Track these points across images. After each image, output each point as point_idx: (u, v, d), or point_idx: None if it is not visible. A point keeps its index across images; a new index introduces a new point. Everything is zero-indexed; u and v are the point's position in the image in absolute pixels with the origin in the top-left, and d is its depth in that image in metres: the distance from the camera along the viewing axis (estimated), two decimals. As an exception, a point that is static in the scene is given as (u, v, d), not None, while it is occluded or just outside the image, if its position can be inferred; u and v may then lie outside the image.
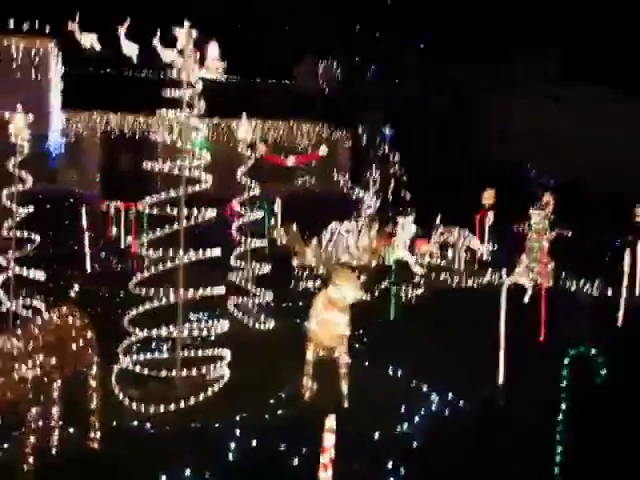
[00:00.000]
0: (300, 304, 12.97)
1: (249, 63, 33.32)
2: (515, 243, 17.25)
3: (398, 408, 8.49)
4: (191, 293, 8.90)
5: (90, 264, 16.31)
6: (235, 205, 13.00)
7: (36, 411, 6.01)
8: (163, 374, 8.73)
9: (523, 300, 13.92)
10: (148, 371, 8.77)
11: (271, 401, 8.67)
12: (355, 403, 8.53)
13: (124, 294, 11.21)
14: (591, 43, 32.12)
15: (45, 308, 9.25)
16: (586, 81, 31.78)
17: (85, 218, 16.34)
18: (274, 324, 12.25)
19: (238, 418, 8.04)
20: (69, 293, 8.39)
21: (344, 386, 8.64)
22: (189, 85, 9.08)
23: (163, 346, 9.86)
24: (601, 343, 7.28)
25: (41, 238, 15.65)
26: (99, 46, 26.70)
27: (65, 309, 6.89)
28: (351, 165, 31.16)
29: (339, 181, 29.06)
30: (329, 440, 4.68)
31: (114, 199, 22.45)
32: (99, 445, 7.15)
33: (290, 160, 31.45)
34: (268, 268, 12.53)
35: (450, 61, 32.05)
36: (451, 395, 8.98)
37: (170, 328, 8.89)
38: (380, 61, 34.22)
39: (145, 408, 8.13)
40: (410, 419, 8.22)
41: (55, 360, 6.29)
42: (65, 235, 17.14)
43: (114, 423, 7.80)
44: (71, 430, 7.43)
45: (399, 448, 7.45)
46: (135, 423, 7.90)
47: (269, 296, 12.66)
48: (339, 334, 8.60)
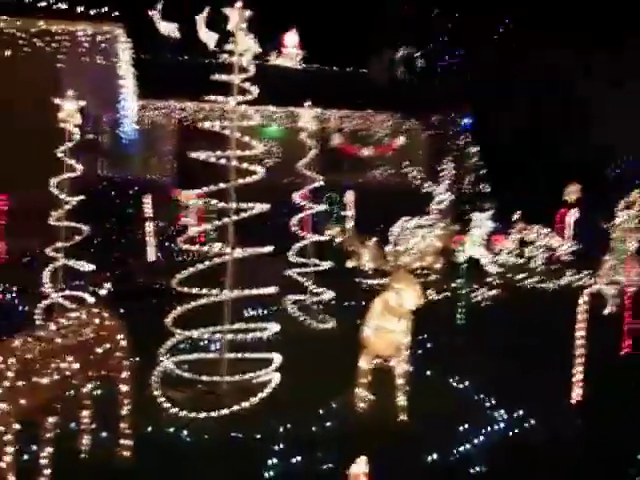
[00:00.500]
0: (364, 304, 12.21)
1: (327, 51, 32.73)
2: (600, 243, 15.98)
3: (459, 425, 7.67)
4: (239, 292, 8.31)
5: (154, 254, 16.00)
6: (303, 196, 12.26)
7: (59, 416, 5.52)
8: (207, 378, 8.14)
9: (603, 312, 12.77)
10: (192, 374, 8.21)
11: (320, 411, 7.99)
12: (413, 418, 7.78)
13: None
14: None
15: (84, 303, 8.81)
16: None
17: (151, 206, 15.99)
18: (334, 324, 11.57)
19: (282, 430, 7.41)
20: (99, 292, 7.95)
21: (401, 398, 7.90)
22: (242, 70, 8.49)
23: (210, 347, 9.31)
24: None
25: (106, 226, 15.61)
26: (179, 35, 26.46)
27: (95, 310, 6.42)
28: (426, 157, 30.08)
29: (412, 174, 28.11)
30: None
31: (187, 188, 22.14)
32: (129, 452, 6.66)
33: (365, 151, 30.80)
34: (329, 264, 11.84)
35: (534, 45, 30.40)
36: (520, 412, 8.09)
37: (217, 328, 8.33)
38: (461, 48, 32.97)
39: (185, 414, 7.61)
40: (472, 439, 7.39)
41: (80, 363, 5.80)
42: (130, 224, 16.88)
43: (149, 429, 7.31)
44: (103, 434, 6.97)
45: (459, 473, 6.68)
46: (172, 430, 7.38)
47: (330, 294, 11.98)
48: (396, 342, 7.87)
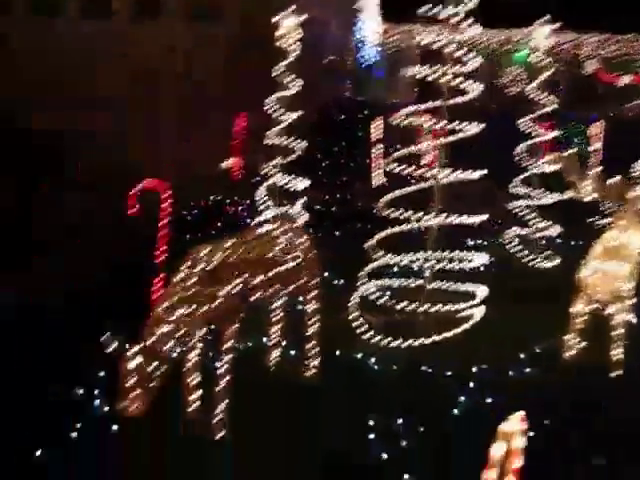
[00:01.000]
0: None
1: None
2: None
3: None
4: (447, 219, 7.78)
5: (380, 179, 15.76)
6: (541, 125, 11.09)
7: (247, 327, 5.59)
8: (406, 305, 7.80)
9: None
10: (390, 300, 7.92)
11: (522, 355, 7.36)
12: (629, 374, 6.88)
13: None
14: None
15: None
16: None
17: (381, 130, 15.64)
18: (557, 263, 10.58)
19: (475, 369, 6.93)
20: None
21: (617, 351, 7.00)
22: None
23: (413, 274, 8.86)
24: None
25: (333, 149, 15.70)
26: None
27: (288, 224, 6.34)
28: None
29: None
30: (498, 450, 3.38)
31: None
32: (315, 372, 6.62)
33: (624, 79, 27.75)
34: (557, 197, 10.74)
35: None
36: None
37: (421, 255, 7.92)
38: None
39: (377, 340, 7.41)
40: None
41: (270, 276, 5.77)
42: (360, 147, 16.75)
43: (337, 352, 7.21)
44: (292, 352, 7.00)
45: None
46: (361, 355, 7.23)
47: (556, 230, 10.91)
48: (617, 288, 6.93)
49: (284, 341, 6.98)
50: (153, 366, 4.89)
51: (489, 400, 6.39)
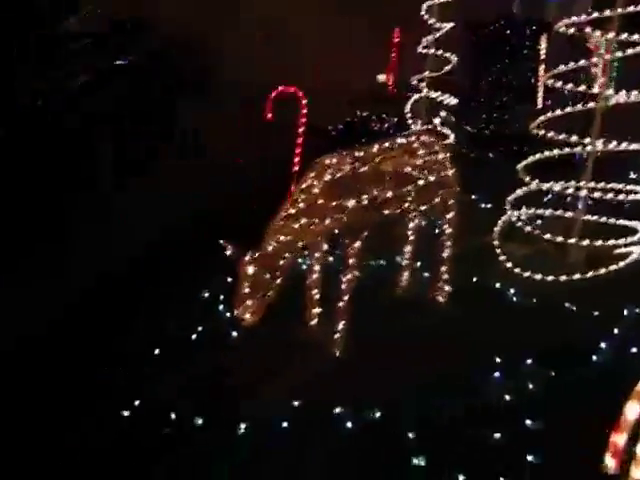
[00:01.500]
0: None
1: None
2: None
3: None
4: (607, 144, 6.91)
5: (542, 101, 14.60)
6: None
7: (361, 246, 5.26)
8: (555, 237, 7.09)
9: None
10: (539, 231, 7.24)
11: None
12: None
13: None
14: None
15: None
16: None
17: (545, 48, 14.39)
18: None
19: (626, 313, 6.24)
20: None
21: None
22: None
23: (567, 205, 8.02)
24: None
25: (496, 66, 14.65)
26: None
27: (427, 139, 5.84)
28: None
29: None
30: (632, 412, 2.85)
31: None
32: (445, 298, 6.24)
33: None
34: None
35: None
36: None
37: (576, 184, 7.14)
38: None
39: (519, 271, 6.86)
40: None
41: (390, 191, 5.36)
42: (523, 67, 15.52)
43: (474, 279, 6.75)
44: (425, 274, 6.63)
45: None
46: (499, 285, 6.72)
47: None
48: None
49: (418, 262, 6.64)
50: (269, 275, 4.69)
51: (634, 350, 5.72)
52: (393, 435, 4.66)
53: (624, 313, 6.21)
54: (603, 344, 5.72)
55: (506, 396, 5.05)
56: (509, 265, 6.97)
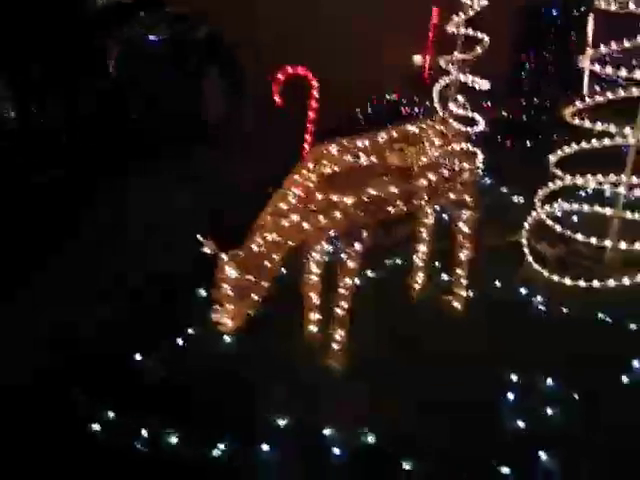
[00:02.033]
0: None
1: None
2: None
3: None
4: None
5: (589, 87, 13.71)
6: None
7: (362, 249, 4.69)
8: (586, 238, 6.34)
9: None
10: (570, 230, 6.50)
11: None
12: None
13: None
14: None
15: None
16: None
17: (592, 30, 13.48)
18: None
19: (634, 326, 5.56)
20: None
21: None
22: None
23: (602, 201, 7.23)
24: None
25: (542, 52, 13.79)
26: None
27: (443, 127, 5.22)
28: None
29: None
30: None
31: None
32: (460, 304, 5.64)
33: None
34: None
35: None
36: None
37: (613, 178, 6.40)
38: None
39: (547, 274, 6.19)
40: None
41: (396, 187, 4.77)
42: (569, 51, 14.62)
43: (496, 282, 6.12)
44: (444, 277, 6.03)
45: None
46: (524, 290, 6.08)
47: None
48: None
49: (435, 263, 6.07)
50: (253, 278, 4.15)
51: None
52: (386, 465, 4.12)
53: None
54: (638, 363, 5.07)
55: (519, 422, 4.44)
56: (537, 268, 6.30)
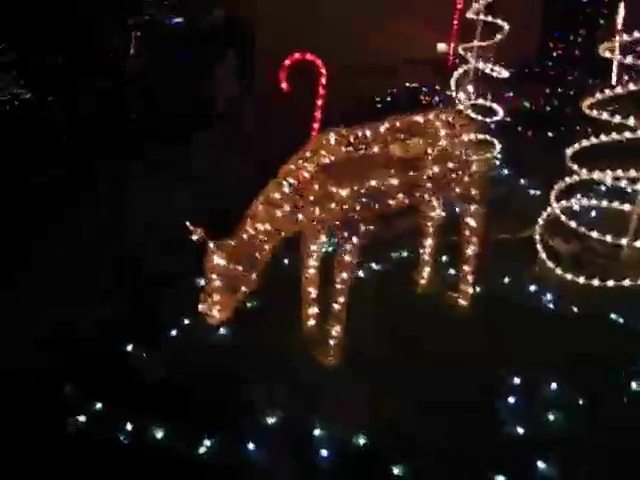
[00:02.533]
0: None
1: None
2: None
3: None
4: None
5: (617, 77, 13.24)
6: None
7: (358, 242, 4.50)
8: (602, 236, 6.06)
9: None
10: (585, 227, 6.22)
11: None
12: None
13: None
14: None
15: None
16: None
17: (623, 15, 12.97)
18: None
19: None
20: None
21: None
22: None
23: (620, 197, 6.92)
24: None
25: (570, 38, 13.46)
26: None
27: (450, 117, 4.96)
28: None
29: None
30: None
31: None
32: (467, 301, 5.43)
33: None
34: None
35: None
36: None
37: (633, 174, 6.10)
38: None
39: (560, 272, 5.95)
40: None
41: (398, 179, 4.55)
42: (595, 37, 14.10)
43: (505, 279, 5.90)
44: (451, 272, 5.82)
45: None
46: (533, 287, 5.85)
47: None
48: None
49: (442, 257, 5.89)
50: (242, 268, 3.99)
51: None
52: (376, 467, 3.96)
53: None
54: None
55: (519, 428, 4.25)
56: (550, 265, 6.07)
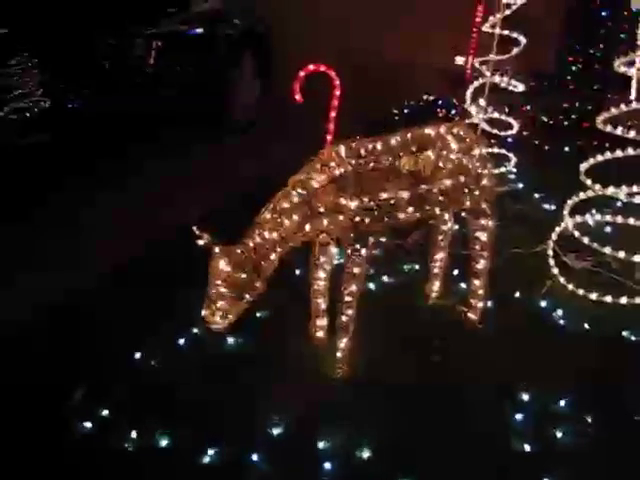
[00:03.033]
0: None
1: None
2: None
3: None
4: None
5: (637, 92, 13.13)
6: None
7: (365, 252, 4.48)
8: (615, 252, 5.97)
9: None
10: (598, 242, 6.16)
11: None
12: None
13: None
14: None
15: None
16: None
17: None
18: None
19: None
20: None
21: None
22: None
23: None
24: None
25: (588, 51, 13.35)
26: None
27: (460, 129, 4.93)
28: None
29: None
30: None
31: None
32: (476, 316, 5.39)
33: None
34: None
35: None
36: None
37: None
38: None
39: (572, 288, 5.92)
40: None
41: (406, 193, 4.52)
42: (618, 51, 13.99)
43: (516, 294, 5.86)
44: (462, 285, 5.78)
45: None
46: (545, 303, 5.81)
47: None
48: None
49: (453, 271, 5.86)
50: (247, 275, 3.96)
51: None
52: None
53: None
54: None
55: (526, 445, 4.20)
56: (561, 281, 6.02)
